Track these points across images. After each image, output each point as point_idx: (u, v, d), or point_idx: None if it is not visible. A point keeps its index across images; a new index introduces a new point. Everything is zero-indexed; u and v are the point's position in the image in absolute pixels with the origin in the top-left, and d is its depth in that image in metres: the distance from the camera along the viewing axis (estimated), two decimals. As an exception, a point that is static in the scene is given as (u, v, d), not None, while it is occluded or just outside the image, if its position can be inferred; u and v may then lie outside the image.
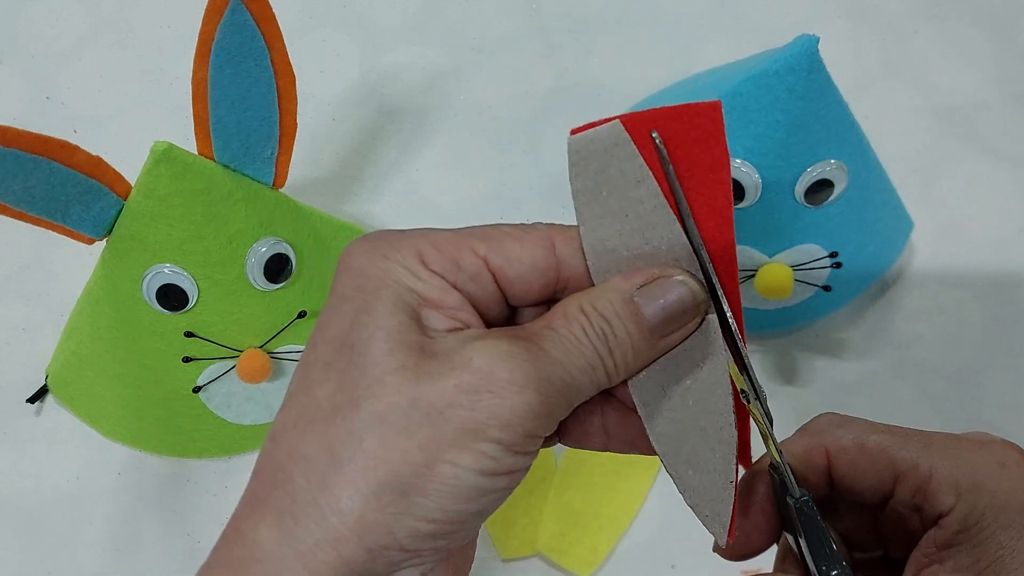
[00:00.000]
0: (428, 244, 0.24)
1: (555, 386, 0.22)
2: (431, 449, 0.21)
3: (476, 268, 0.24)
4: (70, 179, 0.39)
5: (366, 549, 0.21)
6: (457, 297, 0.24)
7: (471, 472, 0.21)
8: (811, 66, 0.42)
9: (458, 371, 0.22)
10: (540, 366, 0.22)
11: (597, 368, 0.23)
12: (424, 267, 0.23)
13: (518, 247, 0.24)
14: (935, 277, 0.56)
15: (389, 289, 0.23)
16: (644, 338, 0.24)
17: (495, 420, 0.21)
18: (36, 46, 0.62)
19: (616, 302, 0.24)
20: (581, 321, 0.23)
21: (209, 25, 0.38)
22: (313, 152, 0.59)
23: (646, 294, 0.24)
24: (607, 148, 0.25)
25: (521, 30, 0.63)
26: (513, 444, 0.22)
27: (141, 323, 0.45)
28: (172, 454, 0.51)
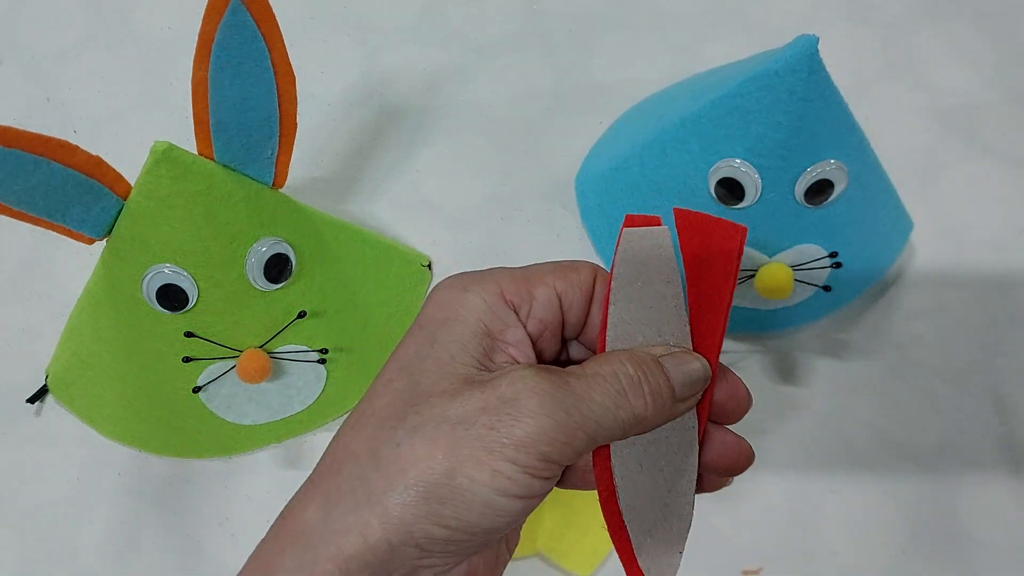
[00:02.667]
0: (507, 278, 0.28)
1: (573, 417, 0.25)
2: (453, 460, 0.24)
3: (547, 297, 0.27)
4: (70, 179, 0.39)
5: (387, 540, 0.24)
6: (520, 333, 0.27)
7: (485, 488, 0.24)
8: (811, 66, 0.42)
9: (487, 394, 0.25)
10: (560, 397, 0.25)
11: (623, 407, 0.26)
12: (502, 299, 0.27)
13: (576, 275, 0.28)
14: (935, 277, 0.56)
15: (458, 322, 0.27)
16: (670, 394, 0.27)
17: (511, 441, 0.24)
18: (36, 46, 0.62)
19: (649, 361, 0.27)
20: (616, 366, 0.26)
21: (209, 25, 0.38)
22: (313, 152, 0.59)
23: (670, 361, 0.27)
24: (652, 247, 0.29)
25: (522, 31, 0.63)
26: (528, 466, 0.24)
27: (141, 323, 0.45)
28: (172, 454, 0.51)
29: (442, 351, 0.26)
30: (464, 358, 0.26)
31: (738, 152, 0.46)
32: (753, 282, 0.48)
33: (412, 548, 0.25)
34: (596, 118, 0.59)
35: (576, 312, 0.28)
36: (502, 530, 0.25)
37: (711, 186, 0.47)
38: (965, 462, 0.51)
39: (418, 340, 0.27)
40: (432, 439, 0.25)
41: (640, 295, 0.28)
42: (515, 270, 0.28)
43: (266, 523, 0.50)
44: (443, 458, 0.24)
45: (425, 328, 0.27)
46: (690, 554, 0.50)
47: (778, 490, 0.51)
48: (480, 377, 0.26)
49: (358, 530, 0.24)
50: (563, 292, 0.28)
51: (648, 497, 0.28)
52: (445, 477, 0.24)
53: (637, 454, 0.28)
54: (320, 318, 0.48)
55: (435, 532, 0.24)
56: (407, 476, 0.24)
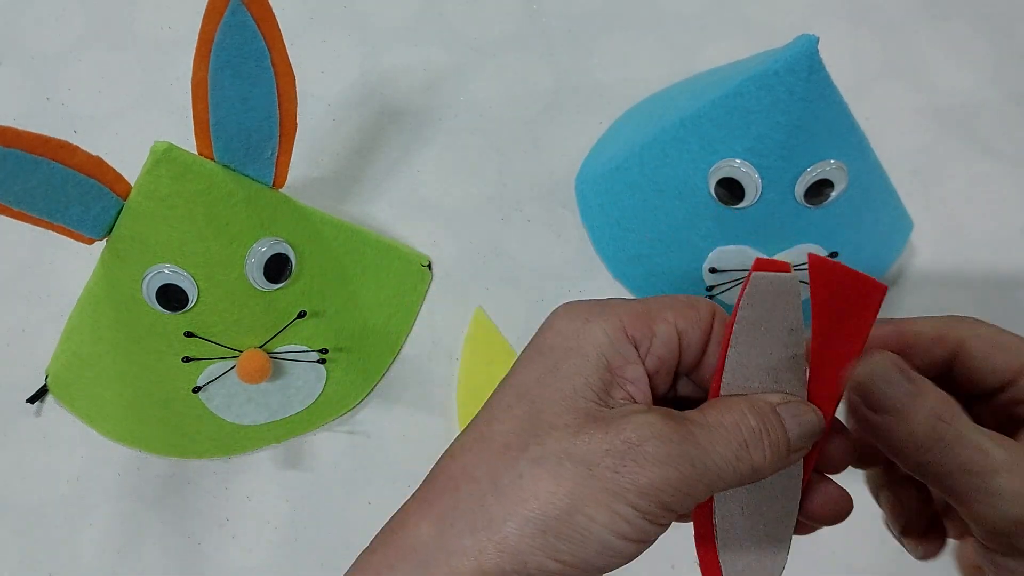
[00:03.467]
0: (629, 312, 0.27)
1: (696, 468, 0.25)
2: (575, 498, 0.24)
3: (668, 332, 0.28)
4: (70, 179, 0.39)
5: (501, 568, 0.25)
6: (639, 371, 0.27)
7: (604, 529, 0.24)
8: (811, 66, 0.42)
9: (611, 436, 0.25)
10: (685, 448, 0.25)
11: (743, 460, 0.26)
12: (623, 334, 0.27)
13: (695, 312, 0.28)
14: (935, 277, 0.56)
15: (580, 354, 0.27)
16: (786, 446, 0.27)
17: (634, 487, 0.24)
18: (36, 46, 0.62)
19: (768, 411, 0.27)
20: (739, 417, 0.26)
21: (209, 25, 0.38)
22: (313, 152, 0.59)
23: (787, 410, 0.27)
24: (780, 293, 0.28)
25: (521, 30, 0.63)
26: (648, 512, 0.25)
27: (141, 323, 0.45)
28: (172, 454, 0.51)
29: (564, 382, 0.26)
30: (586, 392, 0.26)
31: (738, 152, 0.46)
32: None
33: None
34: (596, 118, 0.59)
35: (694, 351, 0.28)
36: (611, 569, 0.26)
37: (711, 186, 0.47)
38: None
39: (539, 368, 0.27)
40: (555, 474, 0.25)
41: (762, 341, 0.28)
42: (635, 303, 0.28)
43: (266, 523, 0.50)
44: (565, 495, 0.24)
45: (546, 356, 0.27)
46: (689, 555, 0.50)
47: (778, 490, 0.51)
48: (601, 414, 0.26)
49: (474, 554, 0.25)
50: (683, 331, 0.28)
51: (745, 541, 0.28)
52: (565, 513, 0.24)
53: (740, 499, 0.28)
54: (320, 318, 0.48)
55: (549, 565, 0.25)
56: (527, 507, 0.25)
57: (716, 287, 0.50)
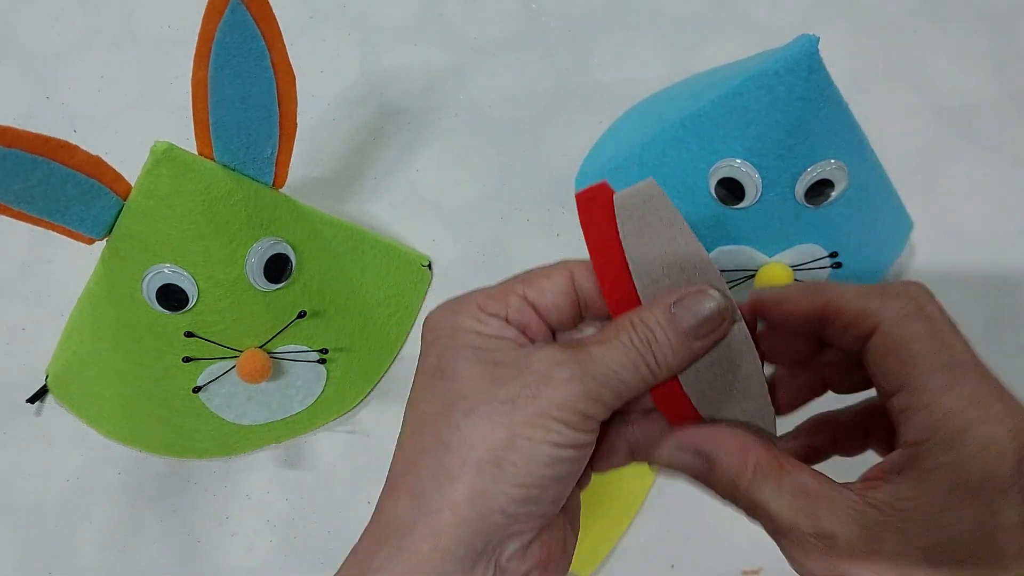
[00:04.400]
0: (482, 296, 0.31)
1: (598, 379, 0.29)
2: (511, 429, 0.28)
3: (518, 303, 0.31)
4: (70, 179, 0.39)
5: (476, 511, 0.27)
6: (512, 331, 0.31)
7: (543, 443, 0.28)
8: (811, 66, 0.42)
9: (524, 374, 0.29)
10: (584, 364, 0.29)
11: (639, 365, 0.29)
12: (483, 312, 0.31)
13: (547, 281, 0.31)
14: (935, 277, 0.56)
15: (461, 332, 0.30)
16: (681, 341, 0.29)
17: (553, 404, 0.28)
18: (36, 46, 0.62)
19: (657, 314, 0.30)
20: (628, 330, 0.29)
21: (209, 25, 0.38)
22: (313, 152, 0.59)
23: (682, 306, 0.29)
24: (644, 200, 0.31)
25: (521, 30, 0.63)
26: (570, 421, 0.28)
27: (141, 323, 0.45)
28: (172, 454, 0.51)
29: (463, 353, 0.30)
30: (483, 355, 0.30)
31: (738, 152, 0.46)
32: (753, 282, 0.48)
33: (499, 515, 0.28)
34: (596, 118, 0.59)
35: (556, 313, 0.31)
36: (567, 479, 0.29)
37: (711, 186, 0.47)
38: (965, 462, 0.51)
39: (436, 351, 0.31)
40: (488, 416, 0.28)
41: (652, 245, 0.30)
42: (491, 287, 0.32)
43: (266, 522, 0.50)
44: (502, 429, 0.28)
45: (436, 343, 0.31)
46: (690, 554, 0.50)
47: (778, 490, 0.51)
48: (505, 358, 0.29)
49: (448, 507, 0.28)
50: (535, 299, 0.31)
51: (725, 409, 0.31)
52: (507, 443, 0.28)
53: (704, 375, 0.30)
54: (320, 318, 0.48)
55: (514, 493, 0.27)
56: (476, 451, 0.28)
57: (716, 287, 0.50)
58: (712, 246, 0.49)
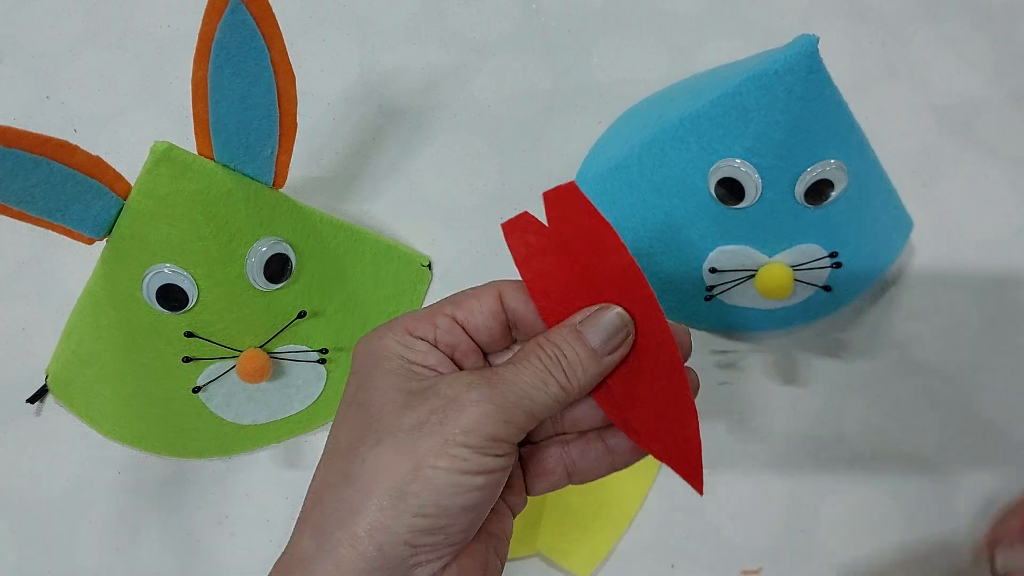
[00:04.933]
0: (411, 319, 0.32)
1: (509, 400, 0.29)
2: (416, 458, 0.28)
3: (447, 324, 0.31)
4: (70, 179, 0.39)
5: (376, 545, 0.27)
6: (438, 355, 0.31)
7: (449, 472, 0.27)
8: (811, 66, 0.42)
9: (431, 399, 0.29)
10: (494, 386, 0.29)
11: (550, 383, 0.29)
12: (410, 335, 0.31)
13: (476, 302, 0.32)
14: (935, 277, 0.56)
15: (384, 359, 0.31)
16: (590, 355, 0.30)
17: (459, 429, 0.28)
18: (36, 46, 0.62)
19: (565, 333, 0.30)
20: (537, 351, 0.30)
21: (209, 25, 0.38)
22: (313, 152, 0.59)
23: (587, 324, 0.31)
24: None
25: (521, 30, 0.63)
26: (479, 447, 0.28)
27: (141, 323, 0.45)
28: (172, 454, 0.51)
29: (380, 382, 0.30)
30: (397, 382, 0.30)
31: (738, 152, 0.46)
32: (753, 282, 0.48)
33: (402, 547, 0.27)
34: (595, 118, 0.59)
35: (486, 333, 0.32)
36: (477, 508, 0.28)
37: (711, 186, 0.47)
38: (965, 462, 0.51)
39: (356, 381, 0.31)
40: (393, 447, 0.28)
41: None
42: (420, 310, 0.32)
43: (265, 522, 0.50)
44: (407, 459, 0.28)
45: (359, 372, 0.31)
46: (690, 554, 0.50)
47: (778, 490, 0.51)
48: (418, 388, 0.29)
49: (348, 543, 0.27)
50: (464, 319, 0.31)
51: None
52: (412, 474, 0.27)
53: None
54: (320, 318, 0.48)
55: (417, 524, 0.27)
56: (379, 484, 0.28)
57: (716, 287, 0.50)
58: (712, 246, 0.49)
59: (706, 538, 0.50)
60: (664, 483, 0.51)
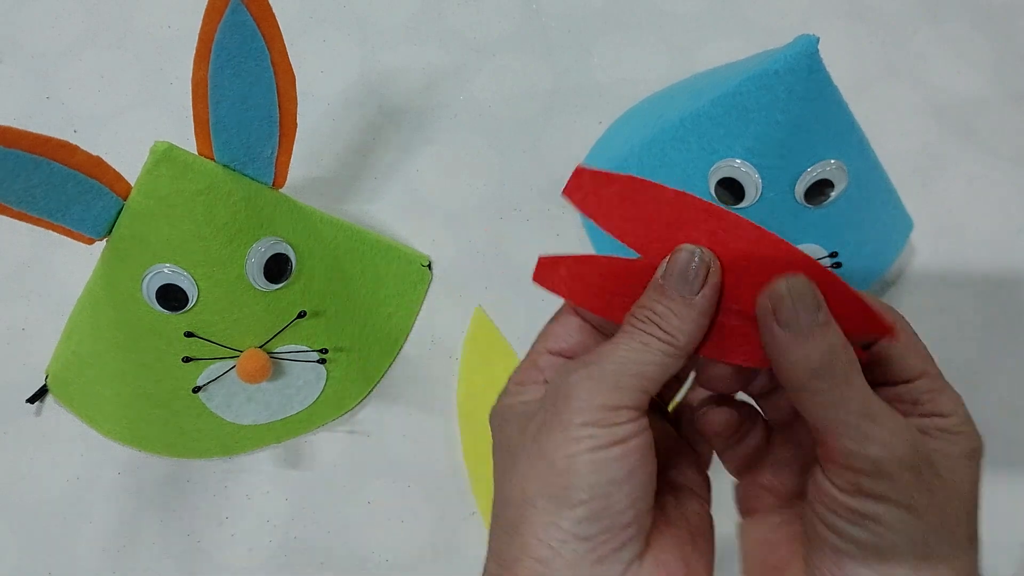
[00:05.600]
0: (516, 372, 0.32)
1: (610, 367, 0.28)
2: (547, 456, 0.28)
3: (548, 360, 0.32)
4: (70, 179, 0.39)
5: (548, 547, 0.27)
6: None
7: (579, 453, 0.27)
8: (811, 66, 0.42)
9: (546, 402, 0.29)
10: (593, 363, 0.28)
11: (649, 342, 0.29)
12: (521, 385, 0.31)
13: (559, 327, 0.32)
14: (935, 277, 0.56)
15: (509, 411, 0.31)
16: (677, 303, 0.29)
17: (571, 411, 0.28)
18: (36, 46, 0.62)
19: (648, 291, 0.30)
20: (629, 319, 0.29)
21: (209, 25, 0.38)
22: (313, 152, 0.59)
23: (665, 274, 0.30)
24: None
25: (521, 30, 0.63)
26: (598, 420, 0.27)
27: (141, 323, 0.45)
28: (172, 454, 0.51)
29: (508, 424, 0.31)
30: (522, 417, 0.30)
31: (738, 152, 0.46)
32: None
33: (576, 543, 0.27)
34: (595, 118, 0.59)
35: (581, 347, 0.32)
36: (625, 479, 0.27)
37: (711, 186, 0.47)
38: (965, 462, 0.51)
39: (495, 439, 0.31)
40: (527, 457, 0.28)
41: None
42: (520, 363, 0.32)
43: (265, 522, 0.50)
44: (541, 460, 0.28)
45: (495, 434, 0.31)
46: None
47: (778, 490, 0.51)
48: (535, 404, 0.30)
49: (523, 554, 0.27)
50: (559, 348, 0.32)
51: None
52: (550, 470, 0.27)
53: None
54: (320, 318, 0.48)
55: (578, 514, 0.27)
56: (527, 492, 0.28)
57: (716, 287, 0.50)
58: (712, 246, 0.49)
59: (706, 538, 0.50)
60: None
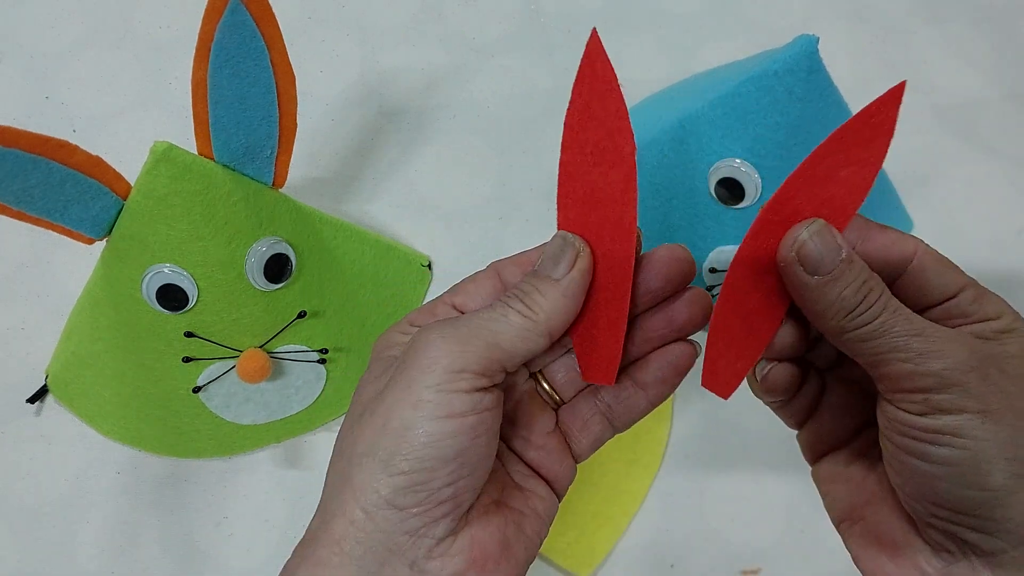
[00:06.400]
0: (415, 312, 0.32)
1: (466, 331, 0.28)
2: (385, 414, 0.27)
3: (447, 311, 0.31)
4: (70, 179, 0.39)
5: (362, 510, 0.27)
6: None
7: (417, 419, 0.26)
8: (811, 67, 0.42)
9: (403, 353, 0.28)
10: (453, 324, 0.28)
11: (509, 313, 0.29)
12: (412, 325, 0.31)
13: (473, 285, 0.32)
14: (935, 277, 0.56)
15: (386, 348, 0.31)
16: (544, 282, 0.30)
17: (417, 369, 0.27)
18: (36, 46, 0.62)
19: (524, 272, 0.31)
20: (502, 293, 0.31)
21: (209, 25, 0.38)
22: (313, 152, 0.59)
23: (542, 254, 0.31)
24: None
25: (520, 31, 0.63)
26: (440, 384, 0.27)
27: (141, 323, 0.45)
28: (171, 454, 0.51)
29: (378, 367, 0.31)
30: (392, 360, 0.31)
31: (738, 152, 0.46)
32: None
33: (388, 510, 0.27)
34: (596, 118, 0.59)
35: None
36: (455, 457, 0.27)
37: (711, 186, 0.47)
38: (965, 462, 0.51)
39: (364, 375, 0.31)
40: (371, 410, 0.28)
41: None
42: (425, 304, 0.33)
43: (264, 522, 0.50)
44: (379, 417, 0.27)
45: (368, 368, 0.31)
46: (690, 554, 0.50)
47: (777, 490, 0.51)
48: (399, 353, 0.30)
49: (341, 511, 0.27)
50: (463, 303, 0.32)
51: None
52: (383, 430, 0.27)
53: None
54: (320, 318, 0.48)
55: (396, 482, 0.26)
56: (356, 449, 0.27)
57: (716, 287, 0.50)
58: (712, 246, 0.49)
59: (705, 538, 0.50)
60: (664, 483, 0.51)
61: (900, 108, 0.30)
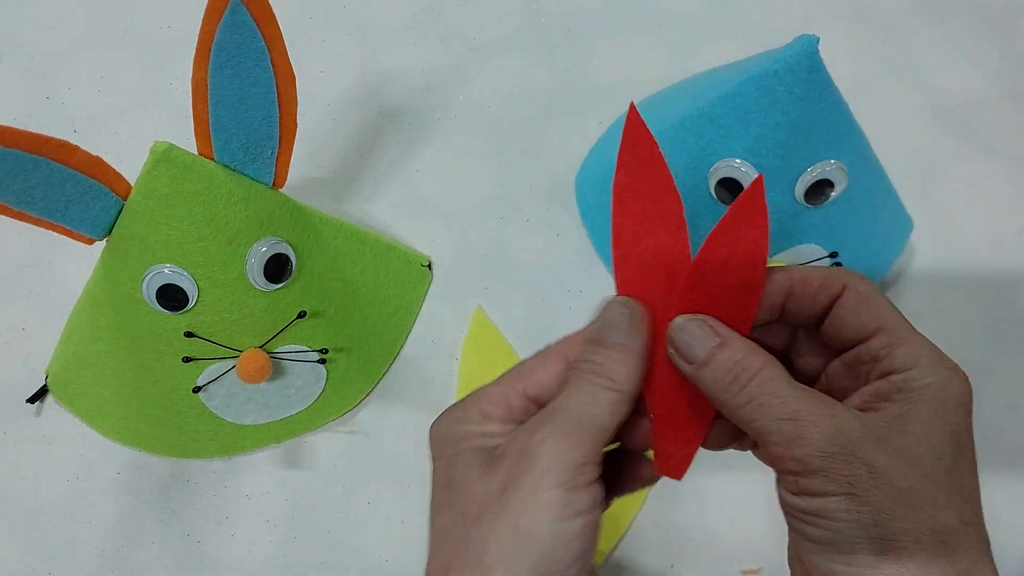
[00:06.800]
0: (486, 401, 0.31)
1: (570, 423, 0.28)
2: (512, 520, 0.27)
3: (522, 404, 0.31)
4: (70, 179, 0.39)
5: None
6: (514, 426, 0.31)
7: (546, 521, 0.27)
8: (811, 66, 0.42)
9: (510, 454, 0.28)
10: (552, 420, 0.28)
11: (597, 392, 0.29)
12: (487, 419, 0.31)
13: (543, 374, 0.31)
14: (935, 277, 0.56)
15: (465, 442, 0.30)
16: (614, 350, 0.30)
17: (536, 470, 0.27)
18: (36, 46, 0.62)
19: (587, 344, 0.31)
20: (574, 371, 0.30)
21: (209, 25, 0.38)
22: (313, 152, 0.59)
23: (599, 323, 0.31)
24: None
25: (520, 31, 0.63)
26: (565, 482, 0.27)
27: (141, 323, 0.45)
28: (172, 454, 0.51)
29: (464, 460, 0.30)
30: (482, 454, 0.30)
31: (738, 152, 0.46)
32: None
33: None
34: (595, 118, 0.59)
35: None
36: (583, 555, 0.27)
37: (711, 186, 0.47)
38: (965, 462, 0.51)
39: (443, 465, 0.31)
40: (492, 515, 0.27)
41: None
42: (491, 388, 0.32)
43: (265, 522, 0.50)
44: (505, 523, 0.27)
45: (442, 456, 0.31)
46: (690, 554, 0.50)
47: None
48: (494, 451, 0.29)
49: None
50: (536, 393, 0.31)
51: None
52: (513, 535, 0.27)
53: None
54: (320, 318, 0.48)
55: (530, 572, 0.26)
56: (489, 555, 0.27)
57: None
58: (712, 246, 0.49)
59: (705, 539, 0.50)
60: (664, 483, 0.51)
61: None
